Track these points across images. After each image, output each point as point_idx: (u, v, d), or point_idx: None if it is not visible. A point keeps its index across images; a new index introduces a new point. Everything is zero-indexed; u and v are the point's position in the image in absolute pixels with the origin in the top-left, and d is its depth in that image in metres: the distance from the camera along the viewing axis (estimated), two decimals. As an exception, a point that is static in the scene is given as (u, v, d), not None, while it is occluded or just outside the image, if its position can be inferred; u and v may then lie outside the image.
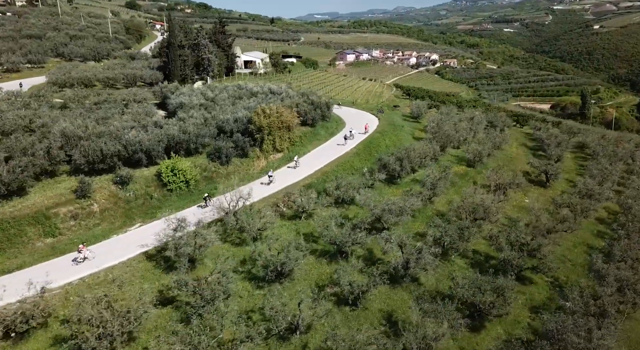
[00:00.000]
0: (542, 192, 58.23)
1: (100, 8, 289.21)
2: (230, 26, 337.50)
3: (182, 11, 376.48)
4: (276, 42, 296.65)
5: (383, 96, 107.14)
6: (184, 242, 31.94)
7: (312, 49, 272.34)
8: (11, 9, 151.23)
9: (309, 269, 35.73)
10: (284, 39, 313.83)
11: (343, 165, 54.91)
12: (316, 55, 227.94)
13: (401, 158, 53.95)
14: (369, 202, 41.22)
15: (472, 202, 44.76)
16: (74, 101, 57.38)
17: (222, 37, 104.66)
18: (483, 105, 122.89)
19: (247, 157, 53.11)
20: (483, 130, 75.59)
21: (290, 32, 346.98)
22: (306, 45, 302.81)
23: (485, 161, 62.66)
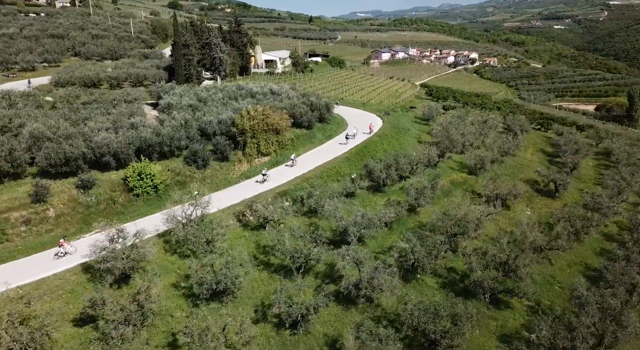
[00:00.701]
0: (549, 203, 53.70)
1: (144, 8, 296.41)
2: (268, 25, 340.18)
3: (222, 10, 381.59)
4: (313, 41, 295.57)
5: (402, 97, 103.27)
6: (113, 256, 30.19)
7: (347, 48, 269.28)
8: (45, 9, 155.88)
9: (257, 286, 33.44)
10: (320, 38, 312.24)
11: (329, 171, 52.23)
12: (351, 54, 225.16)
13: (390, 165, 50.79)
14: (336, 213, 38.41)
15: (455, 214, 41.20)
16: (64, 101, 57.11)
17: (237, 36, 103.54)
18: (512, 106, 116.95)
19: (228, 160, 51.24)
20: (497, 134, 71.13)
21: (328, 30, 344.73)
22: (342, 43, 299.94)
23: (489, 168, 58.54)
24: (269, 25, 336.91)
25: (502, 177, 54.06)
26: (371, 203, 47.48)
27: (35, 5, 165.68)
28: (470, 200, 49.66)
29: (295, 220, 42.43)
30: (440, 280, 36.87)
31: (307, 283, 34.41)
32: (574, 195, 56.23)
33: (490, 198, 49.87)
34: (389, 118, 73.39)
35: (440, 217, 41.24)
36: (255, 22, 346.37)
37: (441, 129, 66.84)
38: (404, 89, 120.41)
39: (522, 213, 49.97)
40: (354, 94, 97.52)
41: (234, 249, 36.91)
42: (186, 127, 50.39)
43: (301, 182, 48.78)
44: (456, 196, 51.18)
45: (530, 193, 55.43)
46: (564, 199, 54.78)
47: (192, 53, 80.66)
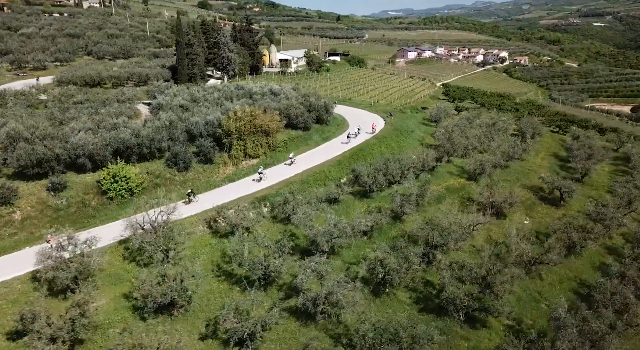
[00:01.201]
0: (552, 212, 50.41)
1: (174, 8, 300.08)
2: (296, 24, 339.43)
3: (251, 10, 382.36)
4: (339, 39, 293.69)
5: (415, 97, 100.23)
6: (55, 266, 29.05)
7: (373, 46, 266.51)
8: (70, 9, 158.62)
9: (214, 298, 31.82)
10: (347, 37, 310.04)
11: (316, 175, 50.30)
12: (376, 53, 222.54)
13: (379, 169, 48.55)
14: (307, 222, 36.46)
15: (438, 224, 38.78)
16: (56, 100, 56.95)
17: (247, 36, 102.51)
18: (534, 107, 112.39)
19: (212, 163, 49.92)
20: (505, 138, 67.70)
21: (355, 29, 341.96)
22: (369, 42, 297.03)
23: (491, 174, 55.53)
24: (297, 24, 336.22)
25: (503, 184, 51.19)
26: (356, 210, 45.27)
27: (61, 5, 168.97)
28: (463, 208, 47.28)
29: (271, 227, 40.78)
30: (415, 295, 34.54)
31: (269, 296, 32.66)
32: (582, 204, 52.63)
33: (486, 206, 47.07)
34: (392, 119, 70.85)
35: (422, 226, 38.81)
36: (282, 21, 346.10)
37: (444, 131, 64.06)
38: (421, 88, 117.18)
39: (519, 222, 46.92)
40: (365, 94, 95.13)
41: (198, 257, 35.59)
42: (170, 128, 49.28)
43: (285, 185, 47.00)
44: (449, 203, 48.53)
45: (533, 201, 52.23)
46: (570, 208, 51.35)
47: (196, 52, 79.90)
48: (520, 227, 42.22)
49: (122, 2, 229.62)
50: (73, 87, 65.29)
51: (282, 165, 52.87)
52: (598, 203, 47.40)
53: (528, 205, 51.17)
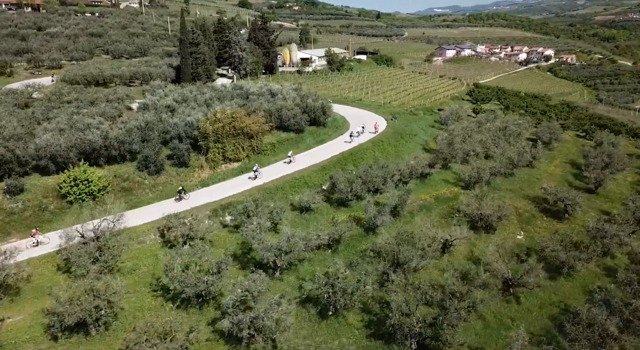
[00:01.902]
0: (553, 226, 46.00)
1: (214, 7, 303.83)
2: (335, 22, 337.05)
3: (290, 8, 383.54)
4: (378, 37, 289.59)
5: (435, 98, 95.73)
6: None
7: (411, 45, 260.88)
8: (101, 9, 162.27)
9: (142, 315, 29.77)
10: (386, 35, 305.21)
11: (295, 181, 47.77)
12: (414, 51, 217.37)
13: (359, 176, 45.56)
14: (255, 235, 34.00)
15: (408, 238, 35.57)
16: (44, 99, 56.86)
17: (262, 34, 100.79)
18: (568, 109, 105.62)
19: (188, 166, 48.26)
20: (516, 142, 63.15)
21: (395, 27, 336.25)
22: (408, 40, 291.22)
23: (491, 182, 51.56)
24: (335, 23, 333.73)
25: (502, 193, 47.68)
26: (327, 219, 42.56)
27: (95, 5, 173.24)
28: (449, 221, 43.76)
29: (229, 237, 38.63)
30: (367, 317, 31.54)
31: (204, 315, 30.46)
32: (587, 216, 48.05)
33: (474, 219, 43.32)
34: (395, 122, 67.35)
35: (389, 241, 35.66)
36: (321, 20, 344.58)
37: (447, 135, 60.22)
38: (445, 88, 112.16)
39: (510, 237, 42.96)
40: (381, 94, 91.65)
41: (139, 269, 33.85)
42: (146, 129, 47.94)
43: (258, 191, 44.72)
44: (435, 215, 45.10)
45: (533, 213, 47.94)
46: (575, 222, 46.77)
47: (201, 51, 78.71)
48: (502, 243, 38.32)
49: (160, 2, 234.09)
50: (67, 86, 65.46)
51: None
52: (600, 218, 42.73)
53: (526, 218, 46.98)
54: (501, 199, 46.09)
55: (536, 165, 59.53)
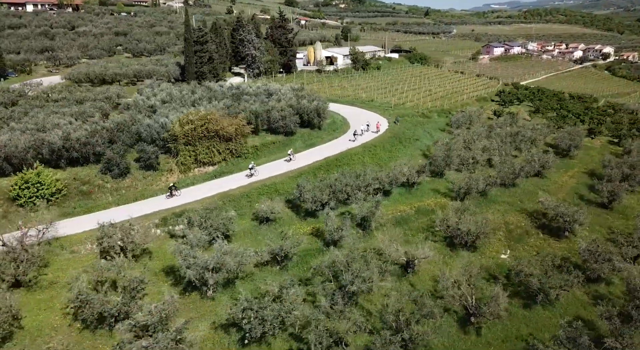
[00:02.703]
0: (548, 245, 41.14)
1: (259, 6, 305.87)
2: (380, 20, 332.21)
3: (337, 6, 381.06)
4: (424, 35, 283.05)
5: (458, 99, 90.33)
6: None
7: (457, 43, 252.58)
8: (139, 9, 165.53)
9: (41, 337, 27.87)
10: (433, 32, 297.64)
11: (261, 189, 45.03)
12: (459, 49, 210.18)
13: (329, 184, 42.38)
14: (182, 249, 31.48)
15: (355, 258, 32.19)
16: (33, 98, 57.03)
17: (280, 32, 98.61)
18: (610, 112, 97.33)
19: (157, 170, 46.58)
20: (527, 148, 57.92)
21: (443, 24, 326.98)
22: (456, 38, 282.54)
23: (487, 192, 47.08)
24: (382, 20, 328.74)
25: (497, 206, 43.54)
26: (296, 233, 39.60)
27: (134, 4, 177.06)
28: (425, 236, 39.97)
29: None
30: (297, 346, 28.46)
31: (114, 337, 28.27)
32: (593, 236, 42.76)
33: (453, 235, 39.22)
34: (396, 125, 63.46)
35: (335, 260, 32.32)
36: (367, 17, 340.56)
37: (448, 141, 55.95)
38: (476, 89, 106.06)
39: (493, 257, 38.60)
40: (400, 94, 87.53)
41: (58, 282, 32.13)
42: (116, 130, 46.66)
43: (219, 198, 42.40)
44: (411, 229, 41.37)
45: (527, 229, 43.18)
46: (575, 241, 41.65)
47: (207, 50, 77.32)
48: (471, 264, 34.05)
49: (204, 2, 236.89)
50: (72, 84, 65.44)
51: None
52: (595, 239, 37.61)
53: (517, 235, 42.36)
54: (487, 213, 41.85)
55: (547, 175, 54.20)
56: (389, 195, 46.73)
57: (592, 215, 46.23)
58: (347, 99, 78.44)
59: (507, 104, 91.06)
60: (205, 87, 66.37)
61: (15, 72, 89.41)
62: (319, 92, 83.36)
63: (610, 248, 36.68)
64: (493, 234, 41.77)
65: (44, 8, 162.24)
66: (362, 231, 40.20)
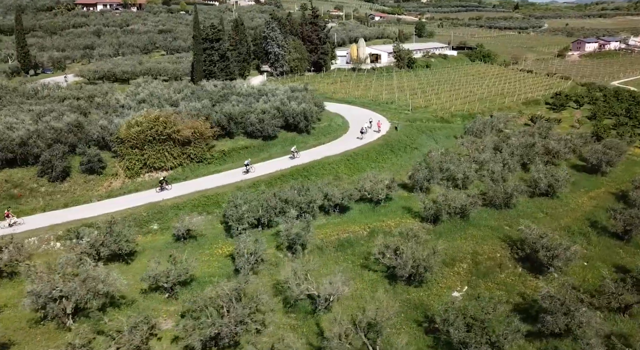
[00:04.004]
0: (524, 283, 34.35)
1: (332, 3, 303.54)
2: (464, 14, 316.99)
3: (418, 1, 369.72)
4: (510, 30, 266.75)
5: (503, 101, 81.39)
6: None
7: (546, 38, 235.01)
8: (200, 7, 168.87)
9: None
10: (521, 27, 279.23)
11: (197, 201, 41.53)
12: (545, 45, 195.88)
13: (267, 200, 38.11)
14: (30, 274, 28.43)
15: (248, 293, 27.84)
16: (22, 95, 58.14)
17: (310, 29, 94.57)
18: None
19: (101, 174, 44.67)
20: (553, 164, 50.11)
21: (534, 18, 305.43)
22: (546, 33, 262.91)
23: (469, 213, 40.49)
24: (465, 15, 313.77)
25: (473, 231, 37.24)
26: (213, 254, 35.92)
27: (192, 3, 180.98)
28: (364, 265, 34.71)
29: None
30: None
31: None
32: (588, 275, 35.24)
33: (395, 266, 33.41)
34: (393, 133, 57.60)
35: (220, 293, 28.02)
36: (449, 12, 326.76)
37: (443, 152, 49.53)
38: (532, 90, 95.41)
39: (445, 294, 32.49)
40: (433, 95, 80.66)
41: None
42: (66, 131, 45.44)
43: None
44: (351, 254, 36.14)
45: (502, 261, 36.41)
46: (560, 278, 34.41)
47: (218, 48, 75.05)
48: (383, 305, 28.26)
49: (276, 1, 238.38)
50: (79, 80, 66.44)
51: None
52: (565, 283, 30.25)
53: (487, 268, 35.75)
54: (457, 240, 35.72)
55: (560, 195, 45.98)
56: (346, 212, 41.51)
57: (600, 248, 38.63)
58: (362, 101, 73.21)
59: (559, 107, 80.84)
60: (200, 86, 64.22)
61: (51, 69, 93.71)
62: (336, 92, 78.84)
63: (582, 296, 29.44)
64: (452, 265, 35.47)
65: (111, 8, 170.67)
66: (291, 255, 35.52)
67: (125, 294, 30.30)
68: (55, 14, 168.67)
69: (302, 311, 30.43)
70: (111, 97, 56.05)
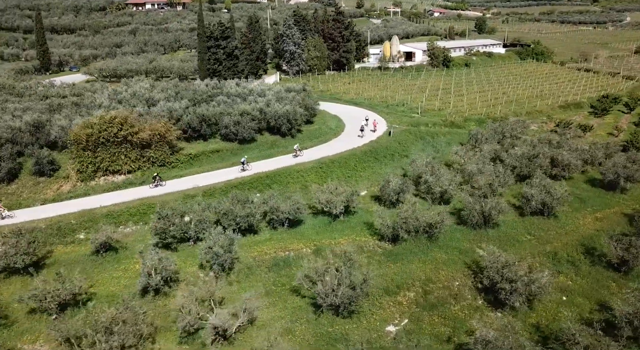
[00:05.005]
0: (479, 319, 29.41)
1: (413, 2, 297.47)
2: (534, 9, 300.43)
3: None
4: (584, 25, 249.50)
5: (536, 104, 74.28)
6: None
7: (625, 33, 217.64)
8: (240, 5, 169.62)
9: None
10: (598, 21, 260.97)
11: (137, 208, 39.34)
12: (624, 41, 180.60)
13: (192, 211, 35.37)
14: None
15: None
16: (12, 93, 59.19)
17: (332, 26, 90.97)
18: None
19: (51, 176, 43.61)
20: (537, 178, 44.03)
21: (614, 11, 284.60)
22: (627, 27, 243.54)
23: (435, 233, 36.12)
24: (536, 9, 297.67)
25: (434, 254, 33.57)
26: (128, 269, 33.56)
27: (240, 2, 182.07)
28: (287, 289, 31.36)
29: None
30: None
31: None
32: (562, 313, 30.06)
33: (321, 293, 29.64)
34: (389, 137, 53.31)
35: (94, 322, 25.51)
36: (517, 7, 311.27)
37: (429, 161, 44.90)
38: (584, 91, 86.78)
39: (372, 328, 28.50)
40: (458, 96, 75.18)
41: None
42: (25, 131, 44.94)
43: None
44: (284, 276, 32.78)
45: (459, 291, 32.05)
46: (528, 315, 29.64)
47: (224, 46, 73.13)
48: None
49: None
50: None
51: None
52: (511, 325, 25.44)
53: (437, 298, 31.56)
54: (406, 263, 31.40)
55: (559, 214, 40.17)
56: (296, 226, 38.01)
57: (589, 280, 33.20)
58: (371, 102, 69.04)
59: (600, 112, 72.86)
60: (193, 85, 62.71)
61: (78, 67, 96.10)
62: (347, 92, 75.10)
63: (526, 342, 24.62)
64: (396, 293, 31.30)
65: (158, 7, 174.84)
66: (213, 275, 32.56)
67: (9, 313, 28.51)
68: (105, 13, 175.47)
69: (197, 342, 27.33)
70: (91, 97, 55.32)
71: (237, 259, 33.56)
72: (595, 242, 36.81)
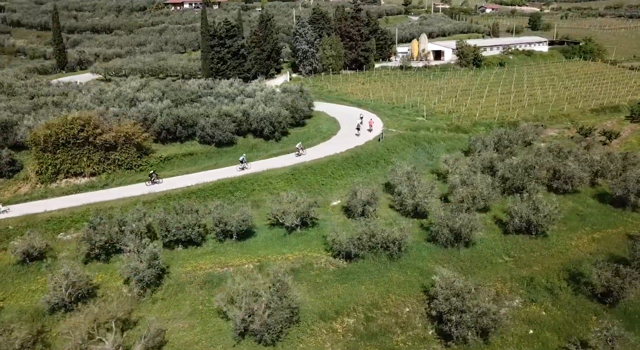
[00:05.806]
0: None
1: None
2: (599, 3, 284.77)
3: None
4: (635, 20, 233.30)
5: (566, 108, 68.38)
6: None
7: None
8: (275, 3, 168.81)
9: None
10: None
11: (82, 215, 37.69)
12: None
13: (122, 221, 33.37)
14: None
15: None
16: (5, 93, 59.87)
17: (350, 25, 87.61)
18: None
19: (10, 177, 42.83)
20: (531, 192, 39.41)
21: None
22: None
23: (397, 251, 32.73)
24: (601, 4, 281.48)
25: (390, 276, 31.24)
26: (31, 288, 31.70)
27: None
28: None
29: None
30: None
31: None
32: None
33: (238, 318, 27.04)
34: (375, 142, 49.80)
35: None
36: (580, 1, 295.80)
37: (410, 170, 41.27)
38: (623, 94, 79.75)
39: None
40: (478, 98, 70.56)
41: None
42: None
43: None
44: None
45: (408, 319, 28.95)
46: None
47: (229, 45, 71.44)
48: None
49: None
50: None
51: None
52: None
53: (380, 326, 28.84)
54: (355, 284, 28.29)
55: (549, 233, 35.73)
56: (247, 238, 35.35)
57: (567, 311, 29.17)
58: (376, 104, 65.39)
59: (638, 117, 66.33)
60: (185, 84, 61.38)
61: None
62: (355, 93, 71.82)
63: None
64: (333, 320, 28.21)
65: (194, 6, 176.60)
66: (136, 291, 30.38)
67: None
68: (144, 13, 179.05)
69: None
70: (76, 96, 54.80)
71: (167, 274, 31.45)
72: (583, 268, 32.32)
